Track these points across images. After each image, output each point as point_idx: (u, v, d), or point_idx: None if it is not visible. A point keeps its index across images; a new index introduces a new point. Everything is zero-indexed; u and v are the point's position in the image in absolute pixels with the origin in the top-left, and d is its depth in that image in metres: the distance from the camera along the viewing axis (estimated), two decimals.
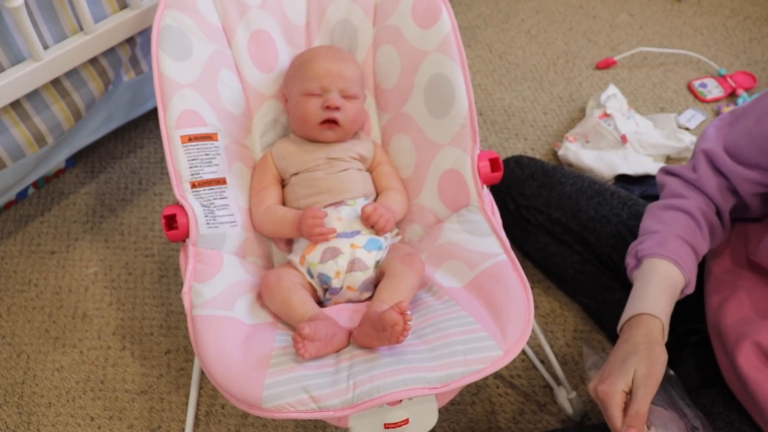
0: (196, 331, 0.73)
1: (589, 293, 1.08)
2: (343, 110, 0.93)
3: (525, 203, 1.10)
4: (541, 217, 1.09)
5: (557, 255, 1.10)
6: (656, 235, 0.83)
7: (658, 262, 0.80)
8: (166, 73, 0.85)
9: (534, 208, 1.09)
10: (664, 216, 0.84)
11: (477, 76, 1.62)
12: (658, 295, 0.78)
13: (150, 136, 1.43)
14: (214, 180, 0.86)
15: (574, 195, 1.07)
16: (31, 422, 1.04)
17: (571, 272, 1.09)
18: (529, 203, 1.10)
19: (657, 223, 0.84)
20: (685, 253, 0.80)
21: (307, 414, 0.68)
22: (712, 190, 0.83)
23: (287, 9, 1.02)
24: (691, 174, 0.85)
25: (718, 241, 0.86)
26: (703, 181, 0.84)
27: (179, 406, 1.06)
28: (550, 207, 1.08)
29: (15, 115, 1.00)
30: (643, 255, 0.82)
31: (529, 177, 1.11)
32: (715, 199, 0.84)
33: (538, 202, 1.09)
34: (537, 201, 1.09)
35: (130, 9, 1.03)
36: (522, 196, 1.10)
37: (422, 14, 0.97)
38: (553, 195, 1.08)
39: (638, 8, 1.82)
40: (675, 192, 0.86)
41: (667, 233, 0.82)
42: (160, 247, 1.26)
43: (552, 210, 1.08)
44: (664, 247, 0.81)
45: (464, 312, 0.78)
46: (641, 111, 1.53)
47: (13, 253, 1.25)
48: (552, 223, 1.08)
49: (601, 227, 1.03)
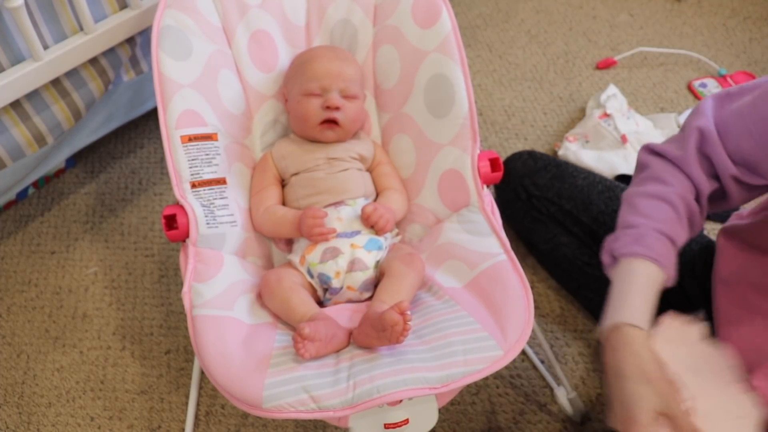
0: (196, 331, 0.73)
1: (594, 287, 1.08)
2: (343, 110, 0.93)
3: (537, 193, 1.10)
4: (553, 207, 1.09)
5: (566, 246, 1.10)
6: (633, 231, 0.79)
7: (636, 263, 0.77)
8: (166, 73, 0.85)
9: (546, 198, 1.10)
10: (643, 206, 0.80)
11: (477, 76, 1.62)
12: (640, 303, 0.75)
13: (150, 136, 1.43)
14: (214, 180, 0.86)
15: (585, 188, 1.07)
16: (31, 422, 1.04)
17: (578, 264, 1.09)
18: (541, 193, 1.10)
19: (634, 215, 0.80)
20: (664, 249, 0.77)
21: (307, 414, 0.68)
22: (696, 173, 0.80)
23: (287, 9, 1.02)
24: (676, 152, 0.82)
25: (696, 230, 0.83)
26: (689, 162, 0.80)
27: (179, 406, 1.06)
28: (562, 198, 1.08)
29: (15, 115, 1.00)
30: (620, 254, 0.79)
31: (542, 168, 1.11)
32: (697, 182, 0.80)
33: (550, 193, 1.09)
34: (549, 192, 1.09)
35: (130, 9, 1.03)
36: (534, 186, 1.10)
37: (422, 14, 0.97)
38: (565, 186, 1.08)
39: (638, 8, 1.82)
40: (656, 176, 0.82)
41: (645, 227, 0.78)
42: (160, 247, 1.26)
43: (564, 201, 1.08)
44: (641, 244, 0.77)
45: (464, 312, 0.78)
46: (641, 111, 1.54)
47: (13, 253, 1.25)
48: (563, 214, 1.09)
49: (611, 221, 1.03)
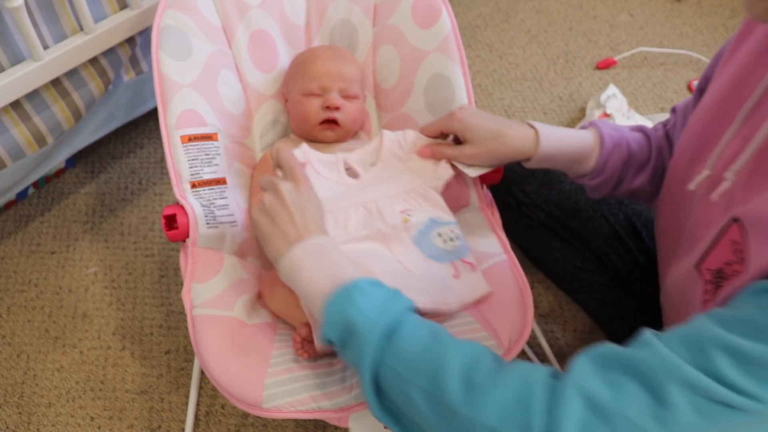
0: (196, 331, 0.73)
1: (587, 291, 1.09)
2: (343, 110, 0.93)
3: (526, 200, 1.10)
4: (542, 214, 1.09)
5: (558, 251, 1.10)
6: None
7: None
8: (167, 73, 0.85)
9: (535, 205, 1.10)
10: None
11: (477, 76, 1.62)
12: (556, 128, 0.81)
13: (150, 136, 1.43)
14: (214, 180, 0.86)
15: (573, 194, 1.07)
16: (31, 422, 1.04)
17: (570, 269, 1.09)
18: (530, 200, 1.10)
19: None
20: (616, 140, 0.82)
21: (307, 414, 0.68)
22: (658, 143, 0.86)
23: (287, 9, 1.02)
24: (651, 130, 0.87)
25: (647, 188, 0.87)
26: (658, 136, 0.86)
27: (179, 406, 1.07)
28: (551, 205, 1.08)
29: (15, 115, 1.00)
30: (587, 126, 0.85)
31: (530, 174, 1.11)
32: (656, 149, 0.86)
33: (539, 200, 1.09)
34: (538, 198, 1.09)
35: (130, 9, 1.03)
36: (523, 194, 1.10)
37: (422, 14, 0.97)
38: (553, 193, 1.08)
39: (638, 8, 1.82)
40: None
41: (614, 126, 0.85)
42: (160, 247, 1.26)
43: (552, 208, 1.08)
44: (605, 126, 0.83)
45: (464, 312, 0.78)
46: (641, 111, 1.53)
47: (13, 253, 1.25)
48: (552, 220, 1.09)
49: (599, 227, 1.03)
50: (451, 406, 0.53)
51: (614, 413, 0.48)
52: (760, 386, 0.46)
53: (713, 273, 0.62)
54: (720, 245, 0.61)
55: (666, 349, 0.50)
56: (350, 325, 0.59)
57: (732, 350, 0.47)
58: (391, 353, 0.57)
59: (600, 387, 0.50)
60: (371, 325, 0.58)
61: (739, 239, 0.57)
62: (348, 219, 0.82)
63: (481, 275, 0.81)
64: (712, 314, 0.51)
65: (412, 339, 0.58)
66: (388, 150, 0.88)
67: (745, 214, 0.57)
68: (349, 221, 0.81)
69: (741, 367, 0.46)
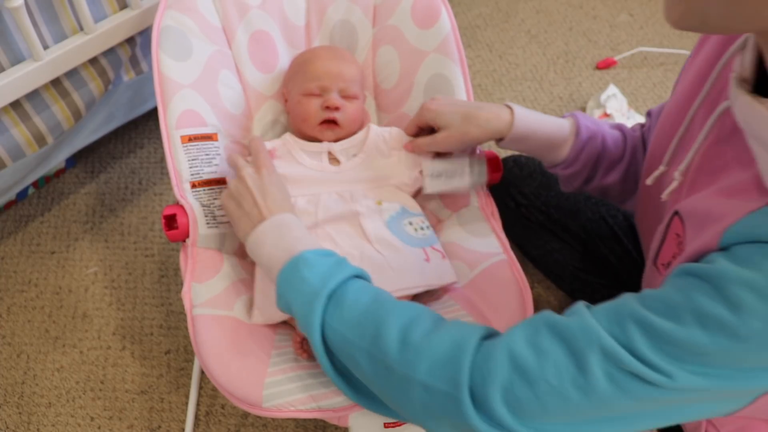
0: (196, 331, 0.73)
1: (588, 291, 1.09)
2: (342, 110, 0.93)
3: (525, 202, 1.10)
4: (541, 216, 1.09)
5: (558, 252, 1.10)
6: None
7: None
8: (167, 73, 0.86)
9: (534, 206, 1.10)
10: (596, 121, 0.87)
11: (477, 76, 1.62)
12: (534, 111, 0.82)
13: (150, 136, 1.43)
14: (214, 180, 0.86)
15: (572, 196, 1.07)
16: (31, 422, 1.04)
17: (570, 269, 1.09)
18: (528, 202, 1.10)
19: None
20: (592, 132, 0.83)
21: (307, 413, 0.69)
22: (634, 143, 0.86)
23: (287, 9, 1.02)
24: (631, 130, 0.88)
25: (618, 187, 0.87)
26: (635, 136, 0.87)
27: (179, 406, 1.07)
28: (550, 207, 1.08)
29: (15, 115, 1.00)
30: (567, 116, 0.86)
31: (528, 176, 1.11)
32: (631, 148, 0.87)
33: (538, 202, 1.09)
34: (536, 200, 1.09)
35: (130, 9, 1.03)
36: (521, 195, 1.10)
37: (422, 14, 0.97)
38: (551, 195, 1.08)
39: (638, 8, 1.82)
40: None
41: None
42: (160, 247, 1.26)
43: (552, 210, 1.08)
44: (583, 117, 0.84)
45: (464, 312, 0.78)
46: (641, 111, 1.53)
47: (13, 253, 1.25)
48: (552, 222, 1.09)
49: (598, 229, 1.03)
50: (389, 364, 0.56)
51: (537, 376, 0.51)
52: (669, 362, 0.47)
53: (666, 267, 0.63)
54: (668, 240, 0.63)
55: (592, 318, 0.52)
56: (298, 294, 0.63)
57: (646, 326, 0.49)
58: (336, 316, 0.61)
59: (527, 350, 0.52)
60: (314, 293, 0.62)
61: (681, 231, 0.59)
62: (319, 202, 0.86)
63: (449, 265, 0.85)
64: (640, 293, 0.53)
65: (355, 303, 0.62)
66: (372, 143, 0.92)
67: (683, 207, 0.60)
68: (320, 203, 0.86)
69: (653, 343, 0.48)
